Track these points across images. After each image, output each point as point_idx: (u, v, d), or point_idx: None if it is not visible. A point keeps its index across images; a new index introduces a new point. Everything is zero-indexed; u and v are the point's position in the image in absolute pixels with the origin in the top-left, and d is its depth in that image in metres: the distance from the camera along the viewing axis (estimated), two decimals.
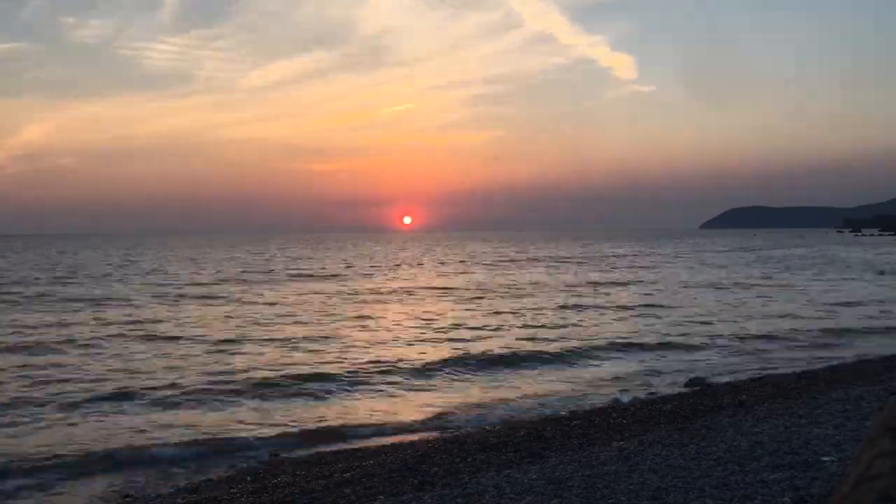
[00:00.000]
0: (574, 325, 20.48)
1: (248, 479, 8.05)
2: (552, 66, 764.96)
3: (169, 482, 8.20)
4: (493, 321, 21.22)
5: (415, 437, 9.75)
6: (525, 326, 20.11)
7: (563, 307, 24.85)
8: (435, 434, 9.86)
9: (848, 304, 24.79)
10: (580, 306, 25.08)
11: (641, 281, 36.94)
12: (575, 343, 16.96)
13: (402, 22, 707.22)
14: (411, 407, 11.50)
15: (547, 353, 15.78)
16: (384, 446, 9.25)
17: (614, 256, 67.23)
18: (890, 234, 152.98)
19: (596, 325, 20.35)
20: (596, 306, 25.08)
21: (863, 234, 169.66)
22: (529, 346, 16.66)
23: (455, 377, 13.58)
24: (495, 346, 16.69)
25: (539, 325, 20.39)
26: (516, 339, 17.90)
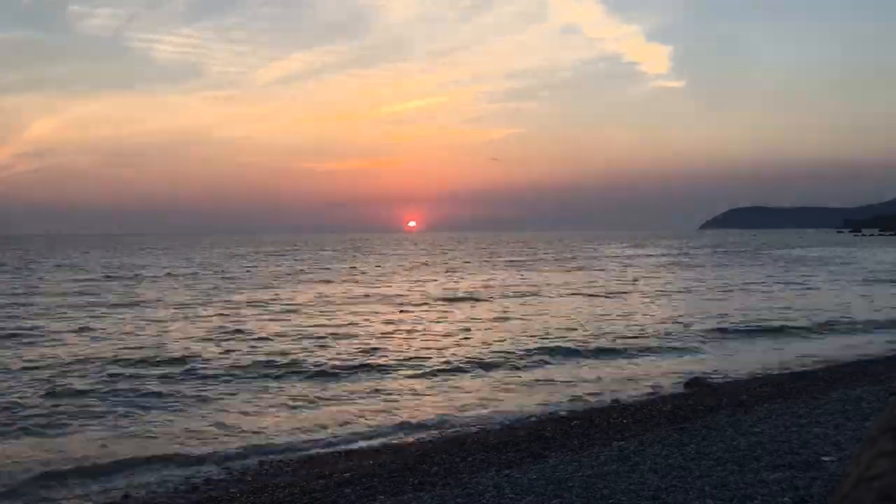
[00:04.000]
0: None
1: (249, 478, 8.05)
2: (577, 61, 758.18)
3: (168, 482, 8.19)
4: None
5: (415, 437, 9.75)
6: None
7: None
8: (435, 434, 9.85)
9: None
10: None
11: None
12: None
13: (423, 12, 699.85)
14: None
15: None
16: (384, 446, 9.25)
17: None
18: (890, 234, 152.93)
19: None
20: None
21: (863, 234, 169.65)
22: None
23: None
24: None
25: None
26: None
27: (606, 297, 28.75)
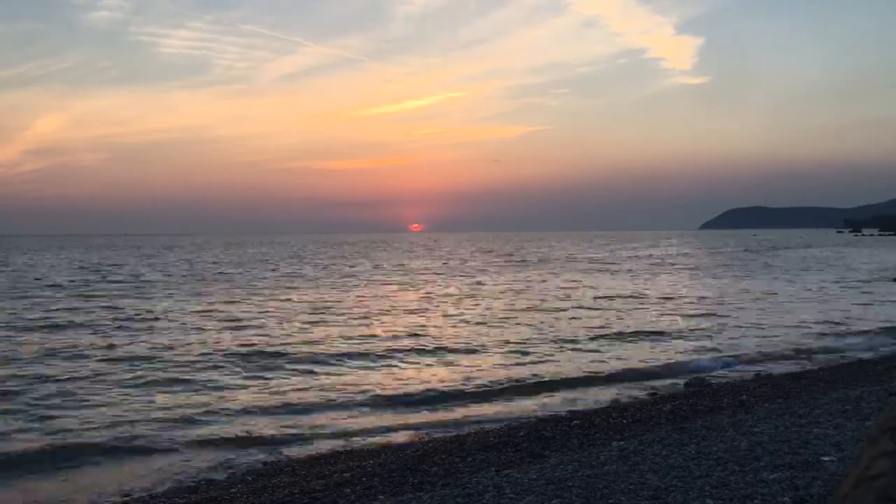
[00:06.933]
0: None
1: (249, 478, 8.05)
2: (598, 56, 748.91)
3: (168, 481, 8.20)
4: None
5: (415, 437, 9.76)
6: None
7: None
8: (435, 434, 9.86)
9: None
10: None
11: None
12: None
13: (439, 6, 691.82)
14: None
15: None
16: (384, 446, 9.25)
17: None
18: (890, 234, 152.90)
19: None
20: None
21: (863, 234, 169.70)
22: None
23: None
24: None
25: None
26: None
27: None
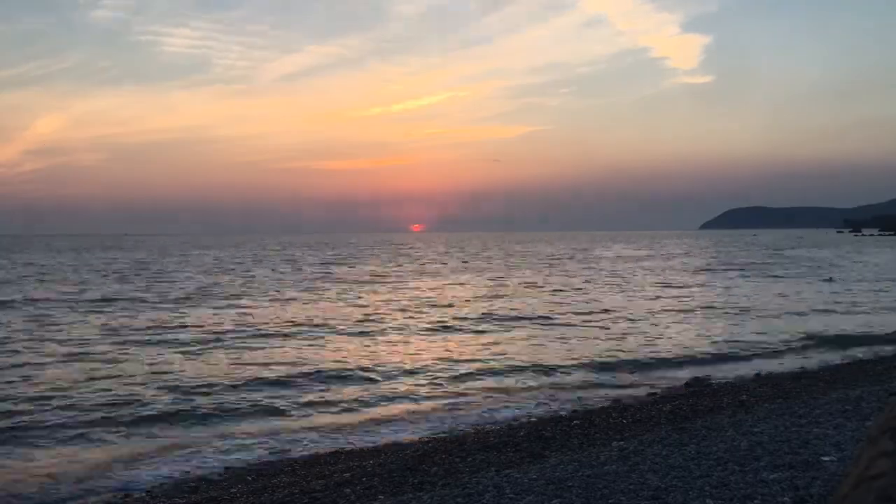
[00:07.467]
0: None
1: (249, 478, 8.04)
2: (600, 56, 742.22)
3: (169, 481, 8.19)
4: None
5: (415, 437, 9.76)
6: None
7: None
8: (435, 434, 9.86)
9: None
10: None
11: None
12: None
13: (440, 4, 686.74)
14: None
15: None
16: (384, 446, 9.25)
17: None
18: (890, 234, 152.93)
19: None
20: None
21: (863, 234, 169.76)
22: None
23: None
24: None
25: None
26: None
27: None
